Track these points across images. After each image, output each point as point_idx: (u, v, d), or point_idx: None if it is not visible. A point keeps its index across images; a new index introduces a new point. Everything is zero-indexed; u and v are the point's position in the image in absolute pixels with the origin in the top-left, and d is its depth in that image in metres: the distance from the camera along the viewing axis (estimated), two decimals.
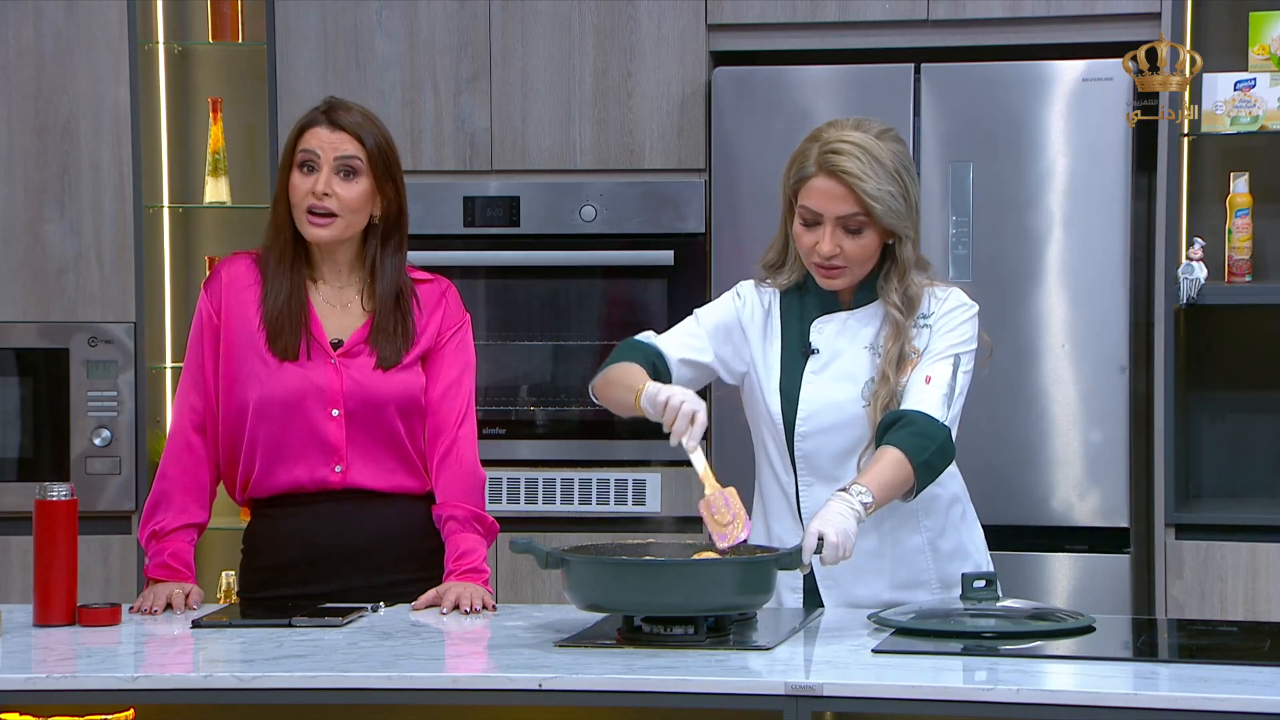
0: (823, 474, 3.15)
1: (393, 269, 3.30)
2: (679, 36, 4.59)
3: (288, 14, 4.67)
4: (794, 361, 3.18)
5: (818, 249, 3.11)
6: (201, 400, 3.28)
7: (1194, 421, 4.69)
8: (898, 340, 3.13)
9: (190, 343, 3.32)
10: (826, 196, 3.10)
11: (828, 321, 3.18)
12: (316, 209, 3.23)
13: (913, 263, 3.14)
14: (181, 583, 3.21)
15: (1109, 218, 4.40)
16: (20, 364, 4.68)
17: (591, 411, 4.65)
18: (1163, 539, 4.40)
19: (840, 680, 2.64)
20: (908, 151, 3.16)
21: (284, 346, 3.24)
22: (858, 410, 3.13)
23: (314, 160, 3.25)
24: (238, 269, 3.31)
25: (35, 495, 3.08)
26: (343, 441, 3.25)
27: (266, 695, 2.67)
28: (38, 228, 4.66)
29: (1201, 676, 2.62)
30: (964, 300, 3.19)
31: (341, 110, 3.29)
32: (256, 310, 3.27)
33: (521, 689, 2.65)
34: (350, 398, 3.24)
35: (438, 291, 3.34)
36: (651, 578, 2.84)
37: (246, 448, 3.26)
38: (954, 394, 3.10)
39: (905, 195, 3.11)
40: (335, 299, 3.30)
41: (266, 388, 3.23)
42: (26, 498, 3.15)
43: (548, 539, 3.21)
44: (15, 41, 4.64)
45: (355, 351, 3.27)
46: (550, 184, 4.63)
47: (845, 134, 3.11)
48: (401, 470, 3.29)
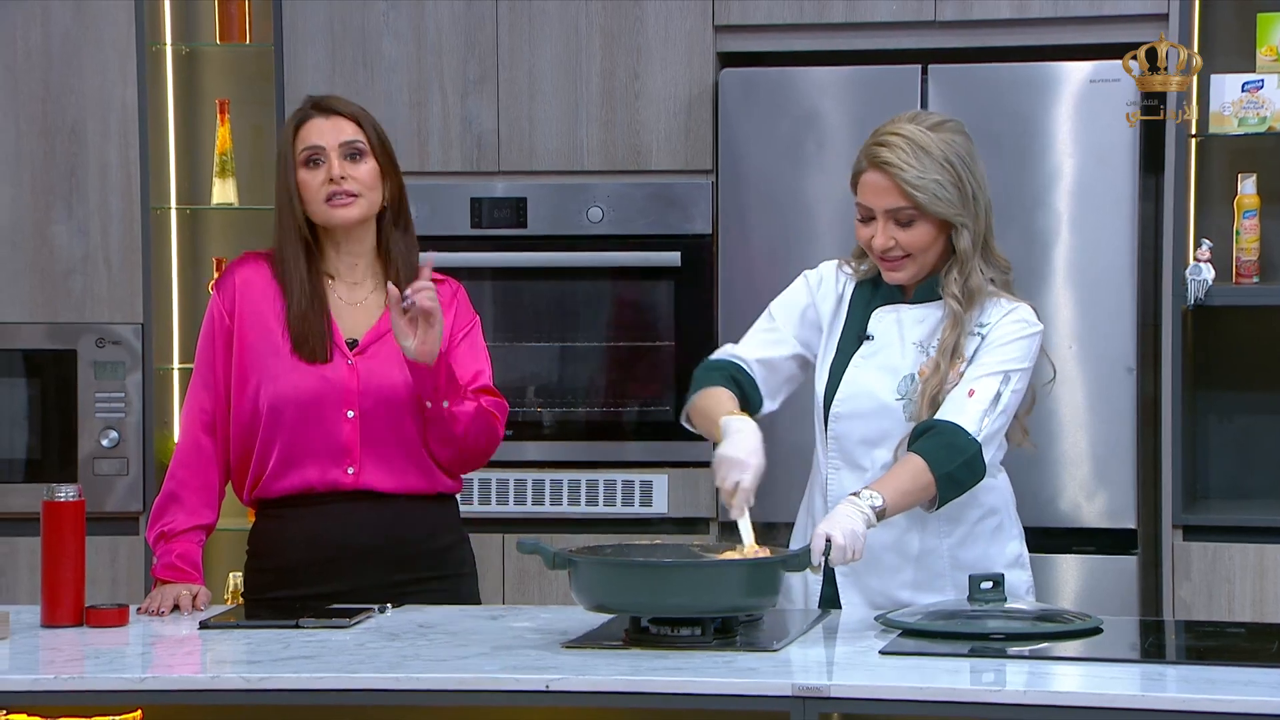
0: (849, 458, 3.16)
1: (405, 249, 3.31)
2: (686, 38, 4.59)
3: (295, 15, 4.67)
4: (849, 345, 3.19)
5: (873, 243, 3.12)
6: (211, 401, 3.28)
7: (1201, 423, 4.68)
8: (955, 330, 3.11)
9: (201, 343, 3.32)
10: (874, 190, 3.12)
11: (888, 311, 3.18)
12: (337, 194, 3.24)
13: (972, 253, 3.11)
14: (189, 584, 3.20)
15: (1116, 219, 4.39)
16: (28, 365, 4.68)
17: (598, 413, 4.66)
18: (1170, 540, 4.39)
19: (847, 681, 2.64)
20: (968, 141, 3.13)
21: (312, 349, 3.24)
22: (890, 402, 3.14)
23: (319, 153, 3.26)
24: (251, 269, 3.31)
25: (43, 496, 3.08)
26: (356, 443, 3.25)
27: (274, 696, 2.68)
28: (45, 229, 4.66)
29: (1209, 678, 2.61)
30: (1027, 318, 3.15)
31: (330, 100, 3.32)
32: (273, 311, 3.26)
33: (528, 690, 2.65)
34: (365, 398, 3.24)
35: (448, 292, 3.34)
36: (659, 579, 2.84)
37: (260, 448, 3.26)
38: (996, 411, 3.07)
39: (958, 184, 3.09)
40: (351, 295, 3.31)
41: (282, 389, 3.23)
42: (34, 499, 3.15)
43: (555, 540, 3.21)
44: (23, 42, 4.65)
45: (373, 347, 3.27)
46: (557, 185, 4.64)
47: (895, 126, 3.12)
48: (413, 471, 3.28)
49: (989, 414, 3.06)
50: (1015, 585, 3.16)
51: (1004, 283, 3.18)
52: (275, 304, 3.27)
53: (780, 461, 3.30)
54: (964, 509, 3.16)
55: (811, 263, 3.34)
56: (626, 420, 4.65)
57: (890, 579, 3.16)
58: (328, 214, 3.26)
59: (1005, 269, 3.18)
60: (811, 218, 4.47)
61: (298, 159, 3.27)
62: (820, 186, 4.43)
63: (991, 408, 3.07)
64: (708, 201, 4.59)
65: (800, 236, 4.46)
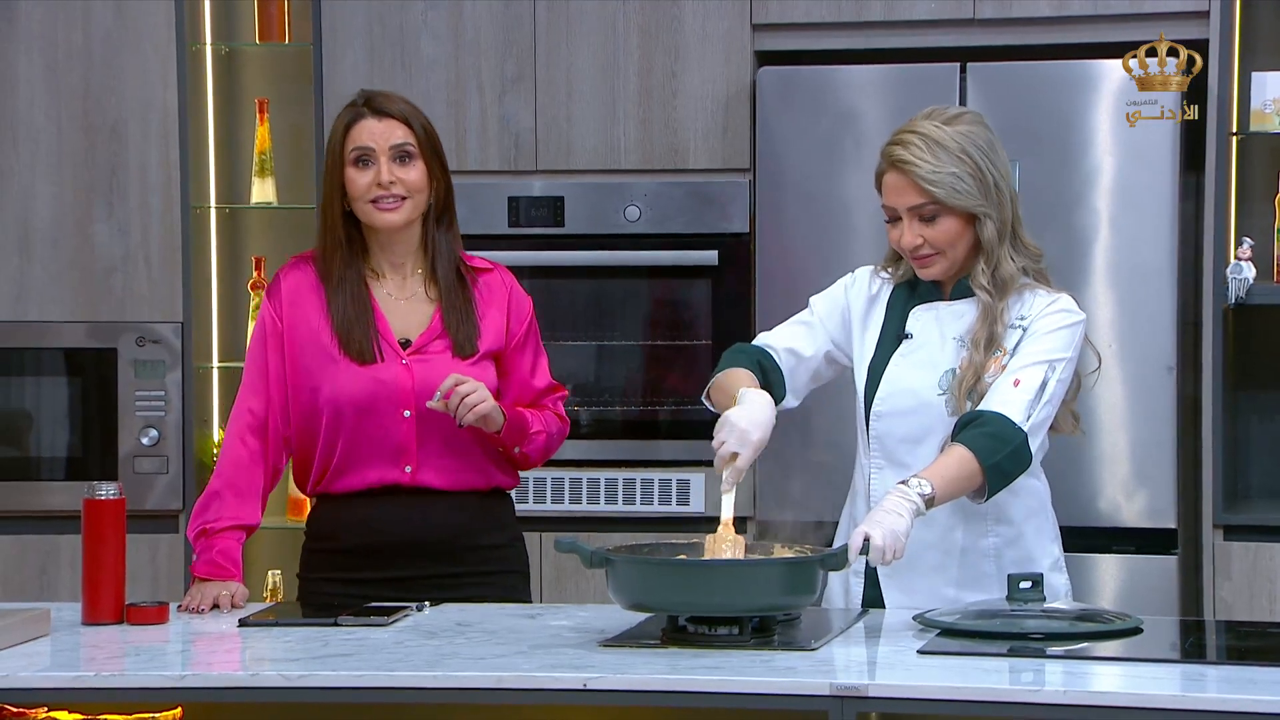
0: (893, 458, 3.15)
1: (448, 246, 3.33)
2: (724, 36, 4.58)
3: (334, 15, 4.68)
4: (888, 344, 3.19)
5: (902, 242, 3.13)
6: (261, 404, 3.29)
7: (1242, 422, 4.65)
8: (985, 323, 3.11)
9: (252, 347, 3.34)
10: (895, 190, 3.12)
11: (926, 310, 3.18)
12: (384, 198, 3.26)
13: (998, 242, 3.10)
14: (227, 581, 3.22)
15: (1157, 217, 4.37)
16: (69, 364, 4.71)
17: (635, 412, 4.66)
18: (1210, 540, 4.37)
19: (885, 681, 2.63)
20: (987, 131, 3.13)
21: (359, 350, 3.26)
22: (932, 399, 3.13)
23: (369, 154, 3.27)
24: (298, 274, 3.33)
25: (84, 494, 3.10)
26: (413, 443, 3.27)
27: (313, 694, 2.68)
28: (86, 228, 4.68)
29: (1250, 678, 2.60)
30: (1068, 307, 3.14)
31: (382, 99, 3.33)
32: (321, 314, 3.28)
33: (566, 689, 2.65)
34: (421, 398, 3.25)
35: (500, 283, 3.37)
36: (696, 578, 2.84)
37: (322, 450, 3.29)
38: (1041, 401, 3.06)
39: (977, 174, 3.08)
40: (399, 293, 3.32)
41: (339, 391, 3.25)
42: (75, 497, 3.17)
43: (592, 539, 3.21)
44: (64, 43, 4.67)
45: (427, 347, 3.29)
46: (594, 184, 4.64)
47: (910, 125, 3.13)
48: (469, 469, 3.32)
49: (1035, 404, 3.05)
50: (1056, 588, 3.16)
51: (1037, 272, 3.17)
52: (322, 307, 3.29)
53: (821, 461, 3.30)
54: (1007, 508, 3.15)
55: (850, 261, 3.34)
56: (663, 419, 4.65)
57: (934, 578, 3.15)
58: (372, 216, 3.28)
59: (1037, 256, 3.17)
60: (849, 216, 4.46)
61: (347, 157, 3.28)
62: (858, 185, 4.42)
63: (1037, 398, 3.06)
64: (745, 200, 4.59)
65: (838, 235, 4.45)
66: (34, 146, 4.67)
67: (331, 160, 3.30)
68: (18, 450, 4.71)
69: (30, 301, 4.69)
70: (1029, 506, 3.19)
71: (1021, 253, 3.14)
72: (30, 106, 4.67)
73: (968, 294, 3.16)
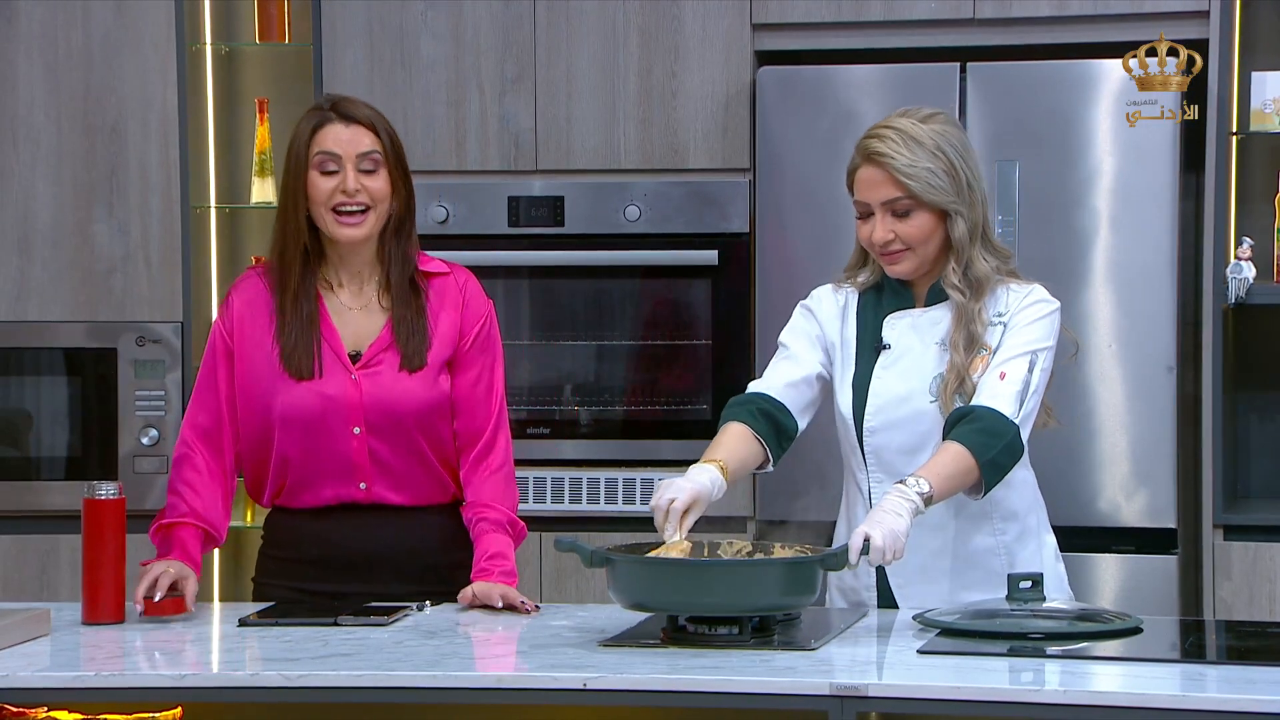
0: (892, 469, 3.14)
1: (404, 257, 3.24)
2: (723, 36, 4.58)
3: (334, 15, 4.68)
4: (866, 357, 3.18)
5: (873, 238, 3.13)
6: (209, 420, 3.24)
7: (1242, 422, 4.66)
8: (962, 324, 3.11)
9: (203, 363, 3.29)
10: (869, 184, 3.13)
11: (901, 318, 3.18)
12: (347, 207, 3.19)
13: (969, 242, 3.11)
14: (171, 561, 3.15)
15: (1157, 217, 4.37)
16: (69, 363, 4.71)
17: (635, 411, 4.66)
18: (1210, 540, 4.37)
19: (886, 681, 2.63)
20: (960, 132, 3.15)
21: (298, 367, 3.19)
22: (925, 405, 3.13)
23: (334, 160, 3.21)
24: (250, 289, 3.26)
25: (84, 494, 3.10)
26: (365, 459, 3.21)
27: (313, 694, 2.68)
28: (86, 228, 4.69)
29: (1250, 678, 2.60)
30: (1043, 297, 3.16)
31: (349, 104, 3.24)
32: (270, 329, 3.22)
33: (566, 689, 2.65)
34: (370, 412, 3.20)
35: (454, 285, 3.28)
36: (696, 577, 2.84)
37: (274, 468, 3.23)
38: (1028, 392, 3.07)
39: (951, 172, 3.10)
40: (353, 302, 3.25)
41: (286, 407, 3.19)
42: (75, 496, 3.17)
43: (592, 538, 3.20)
44: (64, 42, 4.67)
45: (375, 361, 3.22)
46: (594, 184, 4.64)
47: (886, 121, 3.15)
48: (426, 483, 3.25)
49: (1023, 395, 3.07)
50: (1061, 576, 3.19)
51: (1009, 271, 3.18)
52: (272, 323, 3.22)
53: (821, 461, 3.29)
54: (1009, 503, 3.16)
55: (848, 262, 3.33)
56: (663, 419, 4.65)
57: (947, 582, 3.15)
58: (334, 229, 3.20)
59: (1007, 257, 3.19)
60: (849, 216, 4.37)
61: (311, 161, 3.22)
62: None
63: (1024, 389, 3.08)
64: (745, 200, 4.59)
65: (838, 235, 4.44)
66: (34, 146, 4.67)
67: (295, 164, 3.22)
68: (18, 450, 4.71)
69: (30, 301, 4.69)
70: (1027, 498, 3.21)
71: (993, 253, 3.16)
72: (30, 106, 4.67)
73: (942, 298, 3.16)
